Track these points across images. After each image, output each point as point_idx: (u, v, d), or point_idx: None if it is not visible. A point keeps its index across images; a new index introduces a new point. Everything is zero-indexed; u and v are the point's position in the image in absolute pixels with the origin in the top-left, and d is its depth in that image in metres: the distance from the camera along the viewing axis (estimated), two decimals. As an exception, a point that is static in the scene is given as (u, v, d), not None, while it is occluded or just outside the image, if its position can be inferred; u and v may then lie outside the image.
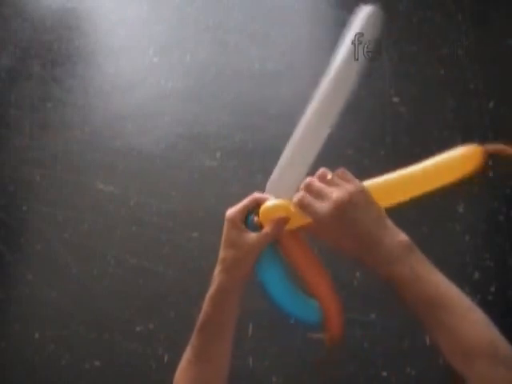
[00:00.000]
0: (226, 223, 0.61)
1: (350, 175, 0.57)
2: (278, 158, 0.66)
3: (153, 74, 1.92)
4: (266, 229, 0.59)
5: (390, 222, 0.56)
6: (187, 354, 0.59)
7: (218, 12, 2.03)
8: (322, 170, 0.59)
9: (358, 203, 0.54)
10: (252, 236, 0.59)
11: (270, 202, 0.61)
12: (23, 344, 1.51)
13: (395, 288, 0.55)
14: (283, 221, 0.59)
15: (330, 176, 0.57)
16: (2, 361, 1.50)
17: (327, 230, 0.55)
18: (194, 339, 0.59)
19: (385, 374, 1.33)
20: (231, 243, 0.59)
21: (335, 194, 0.54)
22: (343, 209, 0.53)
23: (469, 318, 0.52)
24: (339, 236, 0.55)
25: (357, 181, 0.56)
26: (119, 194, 1.69)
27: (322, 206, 0.54)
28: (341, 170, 0.58)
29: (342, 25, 0.63)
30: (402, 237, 0.56)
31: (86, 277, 1.57)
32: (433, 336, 0.52)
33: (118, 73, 1.95)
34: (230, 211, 0.61)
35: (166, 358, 1.43)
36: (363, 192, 0.55)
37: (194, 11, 2.05)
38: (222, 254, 0.60)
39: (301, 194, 0.56)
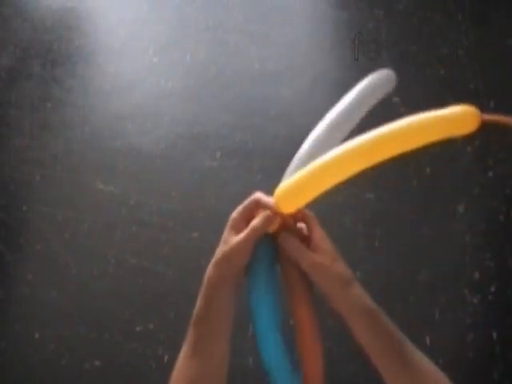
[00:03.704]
0: (227, 225, 0.62)
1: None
2: (278, 158, 0.67)
3: (153, 74, 1.92)
4: (253, 222, 0.59)
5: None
6: (183, 350, 0.59)
7: (218, 12, 2.03)
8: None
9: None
10: (239, 234, 0.59)
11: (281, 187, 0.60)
12: (23, 344, 1.51)
13: (369, 329, 0.56)
14: (271, 216, 0.60)
15: None
16: (2, 361, 1.50)
17: (325, 245, 0.59)
18: (188, 335, 0.59)
19: (385, 374, 1.33)
20: (223, 241, 0.60)
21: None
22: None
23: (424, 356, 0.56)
24: (332, 256, 0.59)
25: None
26: (119, 193, 1.69)
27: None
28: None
29: (342, 25, 0.63)
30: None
31: (86, 277, 1.57)
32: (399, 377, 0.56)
33: (118, 73, 1.95)
34: (234, 212, 0.62)
35: (166, 358, 1.43)
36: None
37: (193, 11, 2.05)
38: (216, 251, 0.61)
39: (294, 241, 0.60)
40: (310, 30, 1.96)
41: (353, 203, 1.56)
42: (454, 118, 0.55)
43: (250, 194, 0.64)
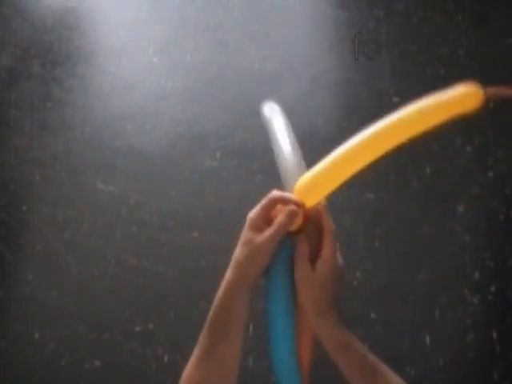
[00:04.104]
0: (246, 224, 0.61)
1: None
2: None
3: (153, 74, 1.92)
4: (278, 218, 0.59)
5: None
6: (195, 353, 0.58)
7: (218, 12, 2.03)
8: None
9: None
10: (264, 232, 0.59)
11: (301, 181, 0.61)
12: (23, 344, 1.51)
13: (344, 354, 0.58)
14: (296, 210, 0.59)
15: None
16: (2, 361, 1.50)
17: (329, 263, 0.60)
18: (202, 337, 0.58)
19: (385, 373, 1.33)
20: (245, 242, 0.59)
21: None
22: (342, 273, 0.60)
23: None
24: (329, 279, 0.59)
25: None
26: (119, 193, 1.69)
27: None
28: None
29: (342, 25, 0.63)
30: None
31: (86, 277, 1.57)
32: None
33: (118, 73, 1.95)
34: (251, 212, 0.61)
35: (166, 358, 1.43)
36: None
37: (193, 11, 2.05)
38: (235, 252, 0.60)
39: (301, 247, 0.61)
40: (310, 29, 1.96)
41: (353, 203, 1.56)
42: (459, 97, 0.58)
43: (250, 193, 0.64)
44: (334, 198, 0.60)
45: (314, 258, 0.60)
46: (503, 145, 1.62)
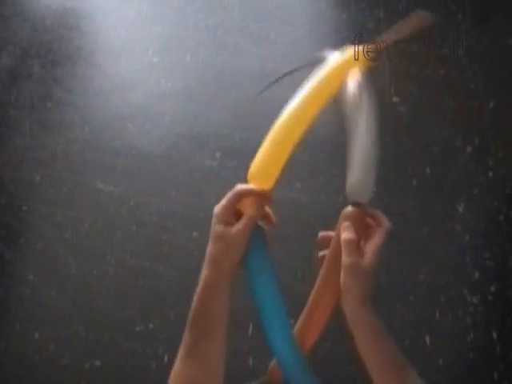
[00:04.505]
0: (213, 219, 0.61)
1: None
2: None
3: (153, 74, 1.92)
4: (249, 211, 0.60)
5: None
6: (180, 353, 0.58)
7: (218, 12, 2.03)
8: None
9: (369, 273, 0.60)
10: (235, 226, 0.59)
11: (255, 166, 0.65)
12: (23, 344, 1.51)
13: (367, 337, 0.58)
14: (261, 204, 0.60)
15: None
16: (2, 361, 1.50)
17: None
18: (184, 337, 0.58)
19: (385, 374, 1.33)
20: (217, 237, 0.60)
21: (369, 259, 0.60)
22: (361, 273, 0.59)
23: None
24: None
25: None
26: (119, 193, 1.69)
27: (362, 259, 0.60)
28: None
29: (342, 25, 0.63)
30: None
31: (86, 277, 1.57)
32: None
33: (118, 73, 1.95)
34: (217, 206, 0.62)
35: (166, 358, 1.43)
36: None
37: (193, 11, 2.05)
38: (208, 249, 0.60)
39: (351, 235, 0.60)
40: (310, 29, 1.96)
41: (353, 203, 1.56)
42: (348, 57, 0.69)
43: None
44: (334, 198, 0.60)
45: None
46: (503, 145, 1.62)
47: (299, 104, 0.68)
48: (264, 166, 0.64)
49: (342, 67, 0.69)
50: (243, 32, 1.96)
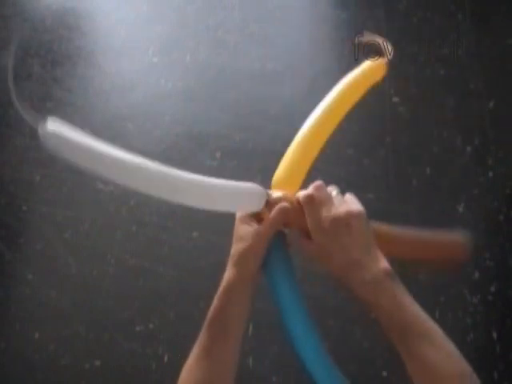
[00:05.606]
0: (236, 221, 0.61)
1: (355, 200, 0.60)
2: (278, 158, 0.67)
3: (153, 74, 1.92)
4: (270, 215, 0.59)
5: (376, 251, 0.58)
6: (194, 352, 0.58)
7: (218, 12, 2.03)
8: (319, 182, 0.60)
9: (353, 226, 0.56)
10: (257, 227, 0.58)
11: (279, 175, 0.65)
12: (23, 344, 1.51)
13: (374, 312, 0.55)
14: (286, 208, 0.59)
15: (334, 192, 0.60)
16: (2, 361, 1.50)
17: (318, 239, 0.57)
18: (201, 336, 0.58)
19: (385, 373, 1.33)
20: (239, 238, 0.59)
21: (341, 208, 0.57)
22: (340, 225, 0.56)
23: (444, 349, 0.53)
24: (327, 250, 0.57)
25: (360, 205, 0.59)
26: (119, 194, 1.68)
27: (325, 214, 0.56)
28: (350, 194, 0.61)
29: (341, 25, 0.63)
30: (386, 265, 0.57)
31: (85, 277, 1.57)
32: (405, 361, 0.54)
33: (118, 73, 1.95)
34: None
35: (166, 358, 1.43)
36: (362, 219, 0.58)
37: (193, 11, 2.05)
38: (231, 250, 0.60)
39: (310, 191, 0.58)
40: (310, 29, 1.96)
41: (353, 203, 1.56)
42: (369, 70, 0.74)
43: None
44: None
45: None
46: (503, 145, 1.62)
47: (324, 111, 0.70)
48: (289, 174, 0.65)
49: (365, 76, 0.74)
50: (243, 32, 1.96)
